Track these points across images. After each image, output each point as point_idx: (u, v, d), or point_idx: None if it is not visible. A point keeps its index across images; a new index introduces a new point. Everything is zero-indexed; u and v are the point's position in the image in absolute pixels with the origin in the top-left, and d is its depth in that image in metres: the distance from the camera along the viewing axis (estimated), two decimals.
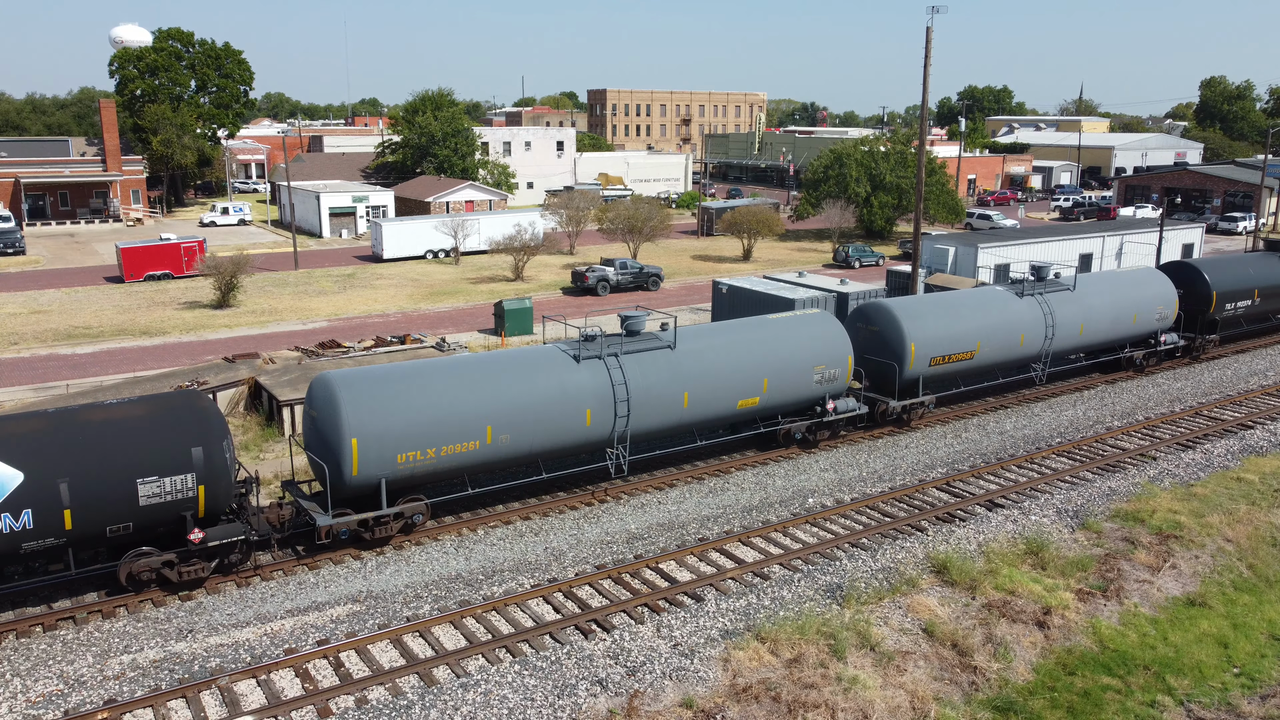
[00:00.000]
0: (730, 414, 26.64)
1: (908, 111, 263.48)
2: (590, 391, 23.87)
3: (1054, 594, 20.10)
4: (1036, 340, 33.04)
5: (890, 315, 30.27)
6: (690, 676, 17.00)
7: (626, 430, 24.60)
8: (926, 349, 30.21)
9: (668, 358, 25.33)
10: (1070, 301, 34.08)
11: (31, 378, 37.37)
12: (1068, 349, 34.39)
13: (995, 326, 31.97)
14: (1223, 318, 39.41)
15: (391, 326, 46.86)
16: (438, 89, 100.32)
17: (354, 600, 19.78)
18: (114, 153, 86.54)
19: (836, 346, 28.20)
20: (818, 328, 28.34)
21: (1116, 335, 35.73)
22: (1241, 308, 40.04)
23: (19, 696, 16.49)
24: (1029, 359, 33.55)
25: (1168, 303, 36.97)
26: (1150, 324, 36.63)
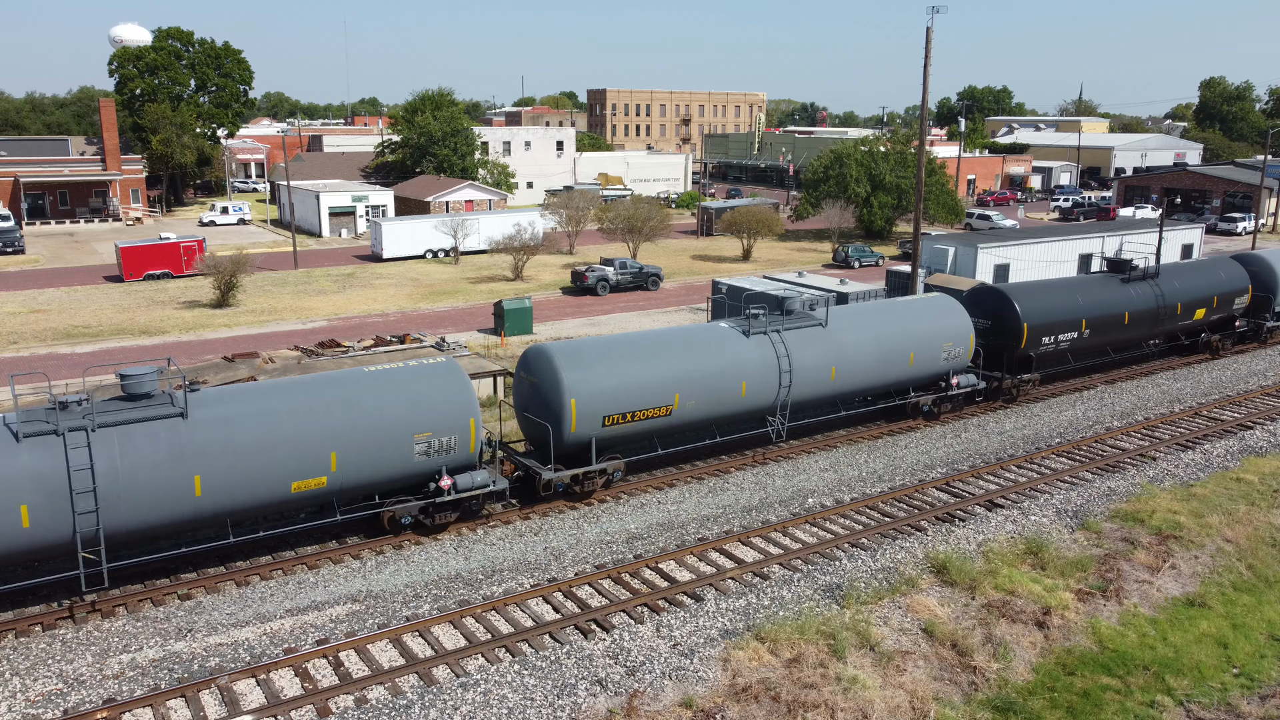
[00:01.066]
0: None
1: (907, 112, 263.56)
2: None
3: (1054, 594, 20.11)
4: (766, 389, 26.88)
5: (549, 363, 23.88)
6: (690, 676, 17.00)
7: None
8: (595, 405, 23.80)
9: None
10: (818, 340, 27.91)
11: (30, 377, 37.34)
12: (814, 398, 28.07)
13: (704, 373, 25.66)
14: (1039, 354, 33.41)
15: (391, 326, 46.85)
16: (437, 89, 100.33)
17: (353, 600, 19.77)
18: (113, 152, 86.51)
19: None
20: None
21: (887, 379, 29.70)
22: (1065, 341, 33.93)
23: (18, 696, 16.49)
24: (758, 412, 27.17)
25: (960, 338, 30.90)
26: (937, 364, 30.55)
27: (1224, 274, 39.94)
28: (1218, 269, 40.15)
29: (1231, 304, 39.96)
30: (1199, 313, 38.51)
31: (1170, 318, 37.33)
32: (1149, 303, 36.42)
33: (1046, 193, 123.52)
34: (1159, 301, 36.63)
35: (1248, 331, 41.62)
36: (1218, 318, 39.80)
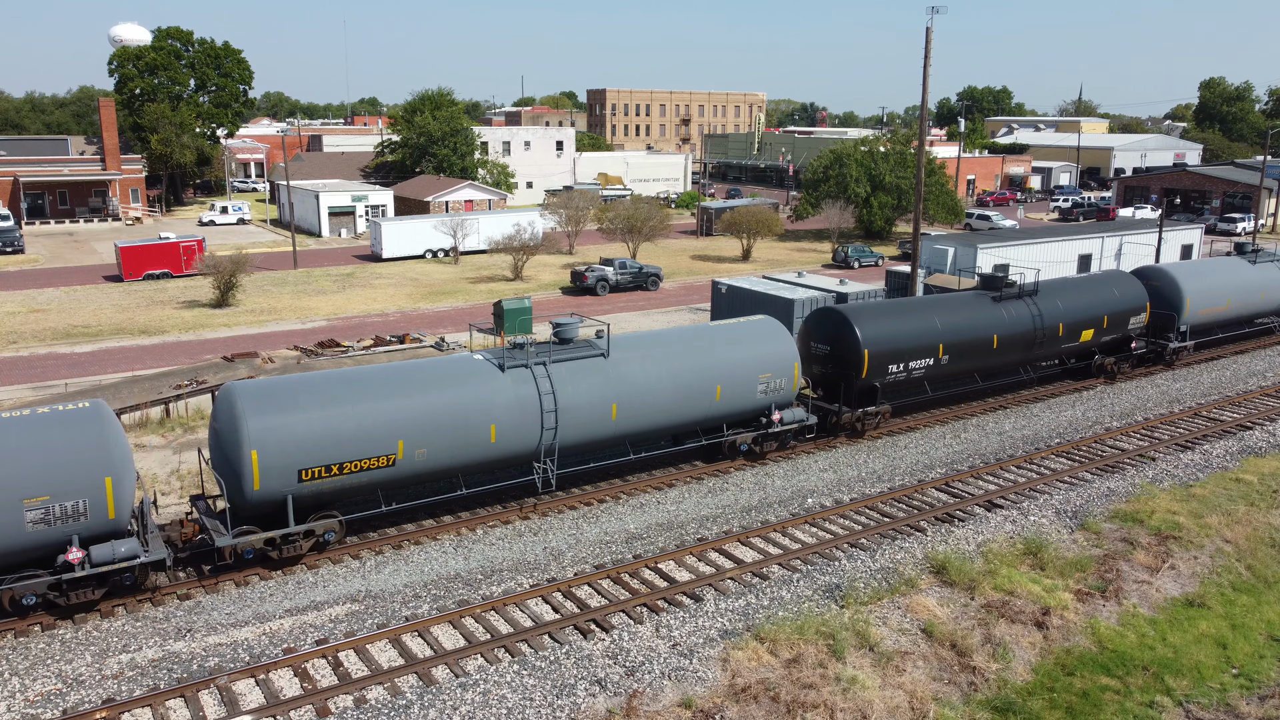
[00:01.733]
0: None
1: (907, 112, 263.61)
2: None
3: (1053, 594, 20.11)
4: (524, 432, 23.05)
5: (231, 407, 20.36)
6: (689, 676, 17.00)
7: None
8: (286, 458, 20.25)
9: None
10: (596, 373, 24.22)
11: (30, 376, 37.34)
12: (591, 440, 24.44)
13: (437, 416, 21.89)
14: (885, 384, 29.58)
15: (391, 326, 46.85)
16: (437, 88, 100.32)
17: (353, 600, 19.77)
18: (113, 152, 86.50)
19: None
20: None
21: (689, 416, 25.77)
22: (919, 369, 30.13)
23: (17, 696, 16.48)
24: (516, 458, 23.63)
25: (781, 367, 26.95)
26: (753, 398, 26.66)
27: (1118, 291, 35.87)
28: (1110, 285, 36.08)
29: (1126, 324, 35.86)
30: (1085, 334, 34.45)
31: (1050, 340, 33.35)
32: (1024, 324, 32.43)
33: (1046, 193, 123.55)
34: (1036, 323, 32.74)
35: (1148, 353, 37.68)
36: (1111, 339, 35.81)
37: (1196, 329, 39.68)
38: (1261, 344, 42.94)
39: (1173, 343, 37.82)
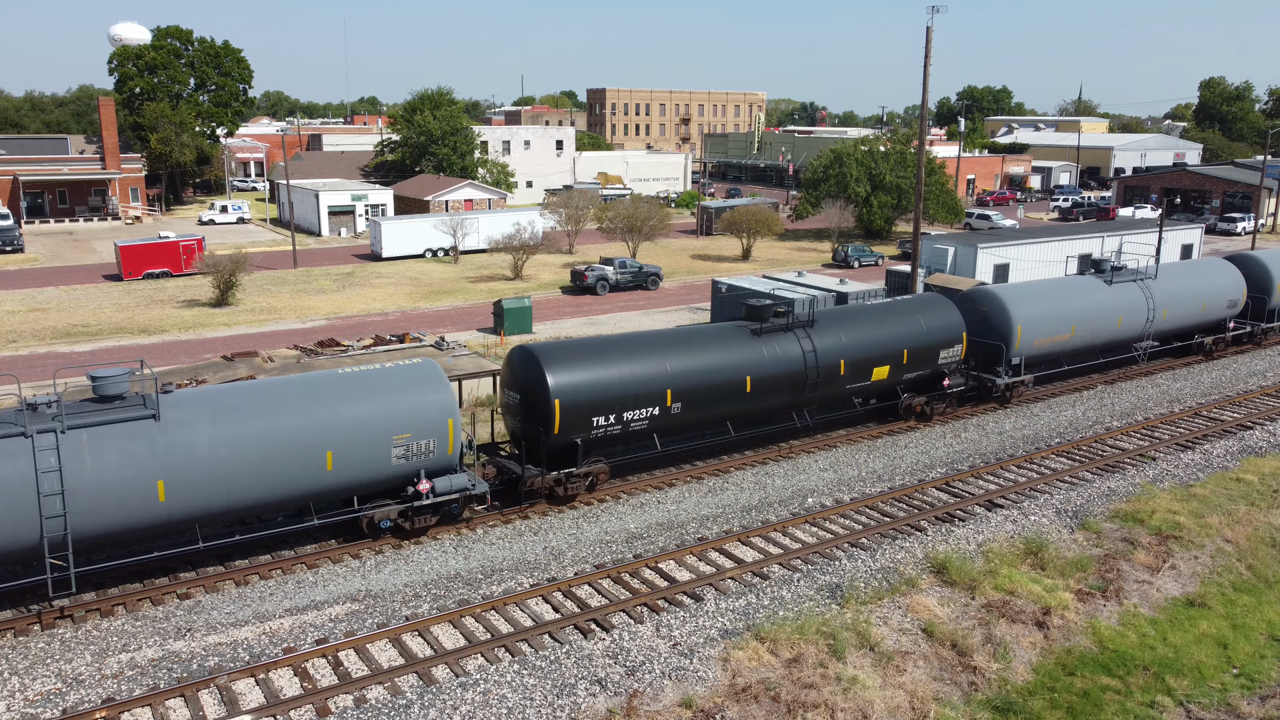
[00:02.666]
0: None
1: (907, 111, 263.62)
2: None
3: (1053, 594, 20.10)
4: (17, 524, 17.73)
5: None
6: (689, 676, 16.98)
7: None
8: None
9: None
10: (138, 442, 18.80)
11: (30, 375, 37.31)
12: (125, 529, 18.90)
13: None
14: (590, 439, 24.51)
15: (390, 325, 46.83)
16: (437, 88, 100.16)
17: (353, 599, 19.75)
18: (113, 151, 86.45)
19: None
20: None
21: (293, 491, 20.52)
22: (639, 423, 24.95)
23: (17, 695, 16.46)
24: None
25: (426, 427, 21.86)
26: (386, 466, 21.62)
27: (926, 320, 30.50)
28: (918, 313, 30.61)
29: (936, 357, 30.56)
30: (879, 371, 28.95)
31: (829, 380, 27.90)
32: (790, 363, 27.10)
33: (1046, 193, 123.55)
34: (809, 360, 27.34)
35: (969, 390, 32.15)
36: (917, 375, 30.37)
37: (1034, 360, 33.97)
38: (1124, 375, 37.12)
39: (1002, 378, 32.01)
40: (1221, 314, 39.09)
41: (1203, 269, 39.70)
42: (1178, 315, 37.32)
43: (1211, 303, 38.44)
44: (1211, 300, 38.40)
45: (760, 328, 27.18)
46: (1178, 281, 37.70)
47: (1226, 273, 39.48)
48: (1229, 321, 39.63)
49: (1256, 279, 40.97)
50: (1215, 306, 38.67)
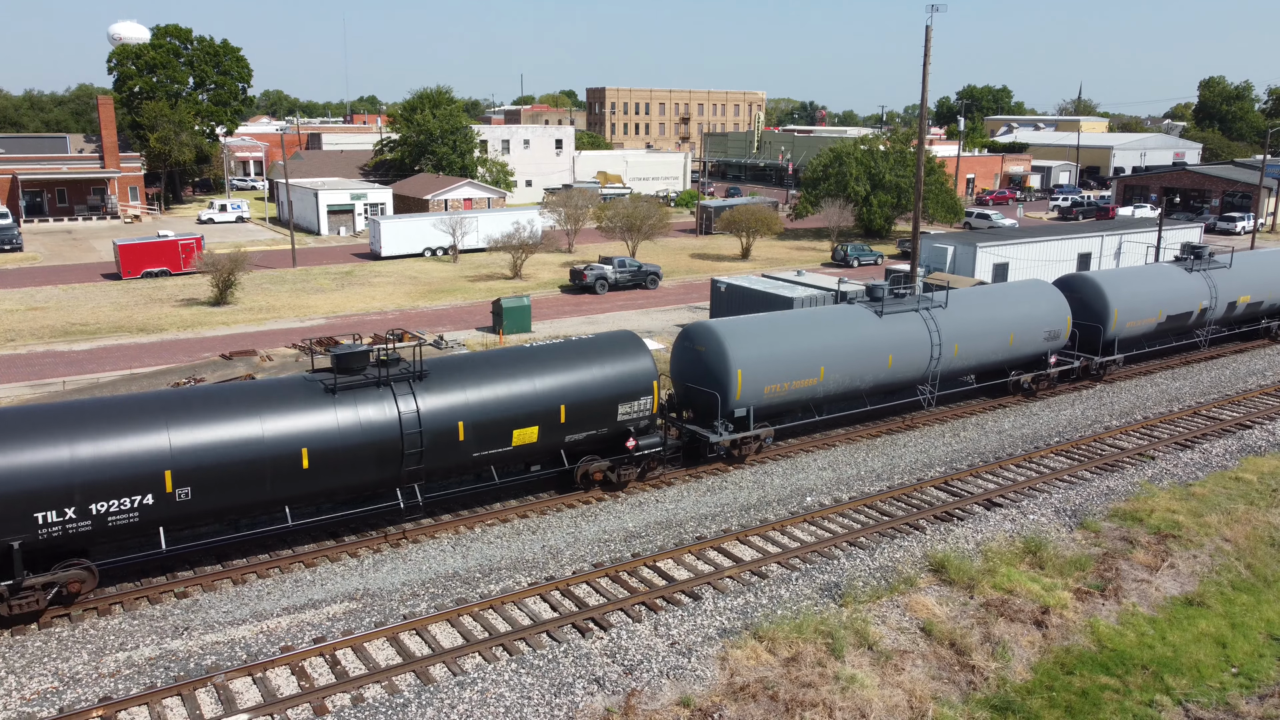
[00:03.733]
0: None
1: (907, 111, 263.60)
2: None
3: (1052, 593, 20.08)
4: None
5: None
6: (688, 675, 16.96)
7: None
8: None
9: None
10: None
11: (29, 374, 37.28)
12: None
13: None
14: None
15: (389, 324, 46.80)
16: (436, 87, 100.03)
17: (350, 598, 19.72)
18: (112, 150, 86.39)
19: None
20: None
21: None
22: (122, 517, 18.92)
23: (14, 694, 16.43)
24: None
25: None
26: None
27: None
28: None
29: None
30: (522, 434, 23.13)
31: (446, 450, 22.08)
32: (381, 430, 21.15)
33: (1045, 192, 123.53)
34: (410, 425, 21.41)
35: (659, 451, 25.57)
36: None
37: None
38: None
39: (718, 434, 26.54)
40: None
41: None
42: None
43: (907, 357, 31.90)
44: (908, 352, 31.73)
45: (338, 385, 21.25)
46: None
47: None
48: None
49: None
50: None
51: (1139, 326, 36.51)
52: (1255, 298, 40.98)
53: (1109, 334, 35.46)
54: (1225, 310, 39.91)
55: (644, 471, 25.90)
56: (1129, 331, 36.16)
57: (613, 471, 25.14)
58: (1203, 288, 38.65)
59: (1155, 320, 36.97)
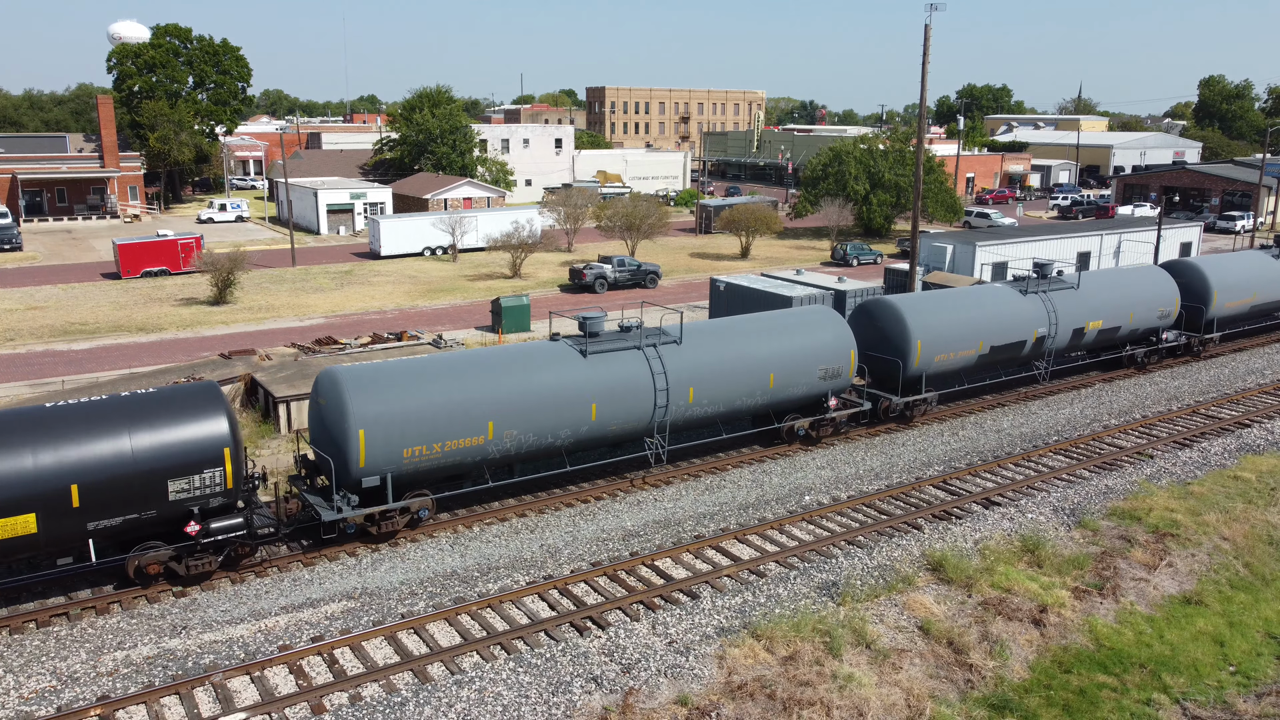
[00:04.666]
0: None
1: (906, 110, 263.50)
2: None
3: (1050, 592, 20.08)
4: None
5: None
6: (685, 674, 16.96)
7: None
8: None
9: None
10: None
11: (28, 374, 37.29)
12: None
13: None
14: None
15: (389, 323, 46.79)
16: (436, 86, 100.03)
17: (349, 597, 19.72)
18: (111, 149, 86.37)
19: None
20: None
21: None
22: None
23: (12, 693, 16.44)
24: None
25: None
26: None
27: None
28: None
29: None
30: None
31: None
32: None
33: (1045, 191, 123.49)
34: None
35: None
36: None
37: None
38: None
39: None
40: None
41: None
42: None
43: None
44: None
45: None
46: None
47: None
48: None
49: None
50: None
51: (951, 361, 31.20)
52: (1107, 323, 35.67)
53: (911, 371, 30.42)
54: (1070, 339, 34.52)
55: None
56: (937, 368, 30.94)
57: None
58: (1040, 312, 33.36)
59: (976, 353, 31.68)
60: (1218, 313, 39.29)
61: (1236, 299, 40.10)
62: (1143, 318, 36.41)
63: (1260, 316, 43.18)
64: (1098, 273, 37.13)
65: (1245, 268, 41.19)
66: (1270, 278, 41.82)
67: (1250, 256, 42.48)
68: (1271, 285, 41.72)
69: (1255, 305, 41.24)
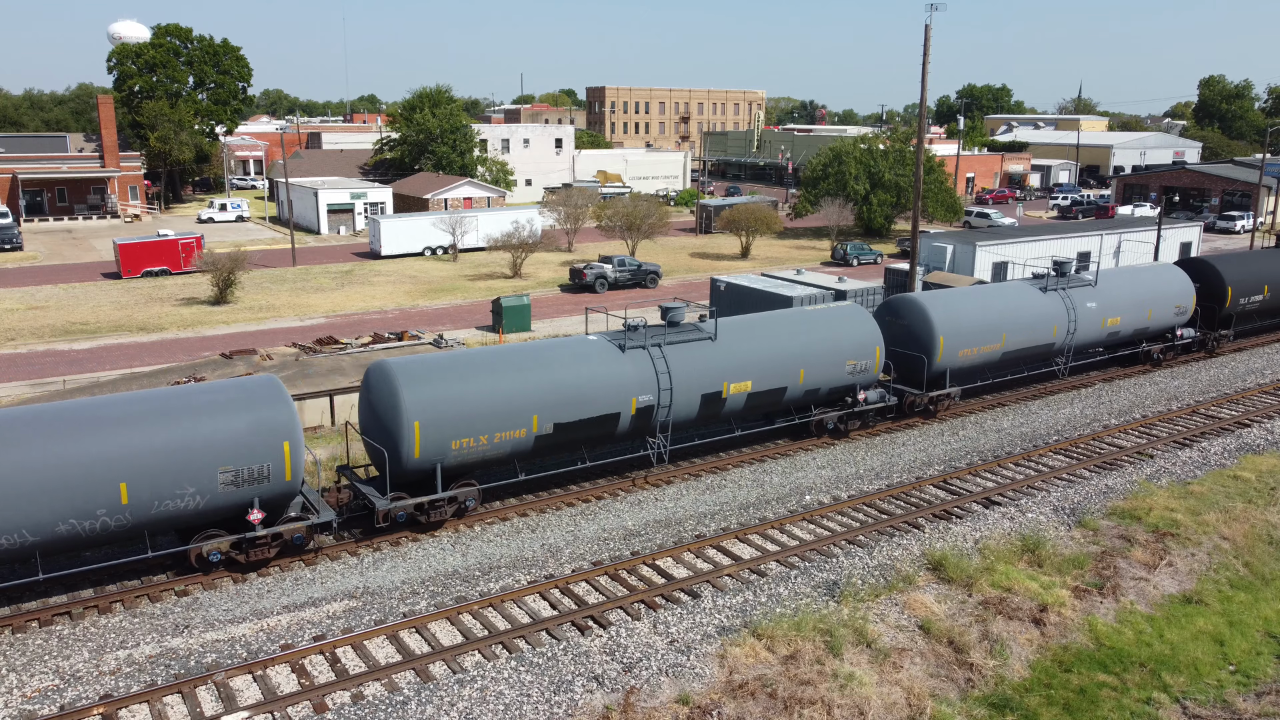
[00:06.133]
0: None
1: (906, 110, 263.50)
2: None
3: (1050, 591, 20.11)
4: None
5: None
6: (686, 673, 17.00)
7: None
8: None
9: None
10: None
11: (29, 373, 37.32)
12: None
13: None
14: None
15: (389, 323, 46.82)
16: (436, 86, 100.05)
17: (350, 596, 19.76)
18: (112, 149, 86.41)
19: None
20: None
21: None
22: None
23: (15, 692, 16.47)
24: None
25: None
26: None
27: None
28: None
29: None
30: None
31: None
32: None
33: (1045, 191, 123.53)
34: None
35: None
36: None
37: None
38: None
39: None
40: None
41: None
42: None
43: None
44: None
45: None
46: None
47: None
48: None
49: None
50: None
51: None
52: None
53: None
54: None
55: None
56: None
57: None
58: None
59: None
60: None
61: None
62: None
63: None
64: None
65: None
66: None
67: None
68: None
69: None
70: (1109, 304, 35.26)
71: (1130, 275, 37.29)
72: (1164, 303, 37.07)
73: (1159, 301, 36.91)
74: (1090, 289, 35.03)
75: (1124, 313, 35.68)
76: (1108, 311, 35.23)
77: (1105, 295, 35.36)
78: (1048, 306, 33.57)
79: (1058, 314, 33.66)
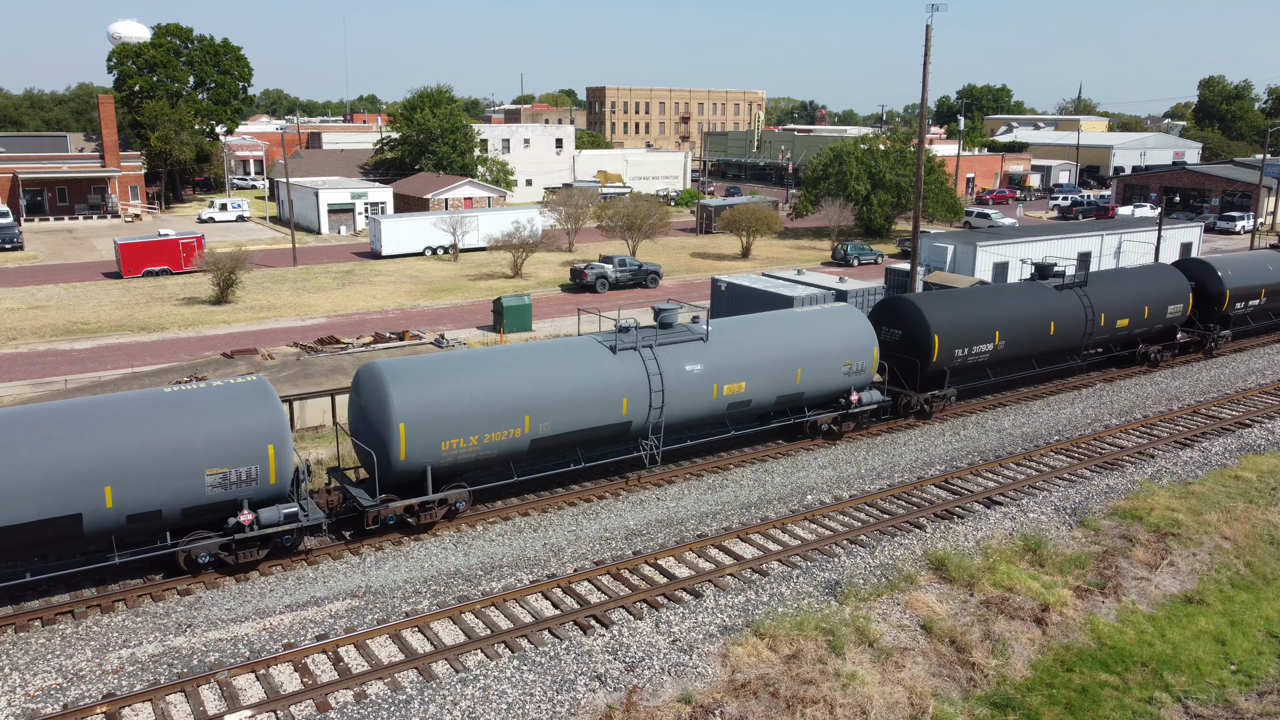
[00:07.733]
0: None
1: (907, 110, 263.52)
2: None
3: (1052, 591, 20.13)
4: None
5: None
6: (689, 672, 17.01)
7: None
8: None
9: None
10: None
11: (29, 373, 37.33)
12: None
13: None
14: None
15: (390, 323, 46.84)
16: (436, 86, 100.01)
17: (353, 595, 19.78)
18: (112, 149, 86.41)
19: None
20: None
21: None
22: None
23: (17, 690, 16.49)
24: None
25: None
26: None
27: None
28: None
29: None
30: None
31: None
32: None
33: (1045, 191, 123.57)
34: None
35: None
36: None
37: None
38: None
39: None
40: None
41: None
42: None
43: None
44: None
45: None
46: None
47: None
48: None
49: None
50: None
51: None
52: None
53: None
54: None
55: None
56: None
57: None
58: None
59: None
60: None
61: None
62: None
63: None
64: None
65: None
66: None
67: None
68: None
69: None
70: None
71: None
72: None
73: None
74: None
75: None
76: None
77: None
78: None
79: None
